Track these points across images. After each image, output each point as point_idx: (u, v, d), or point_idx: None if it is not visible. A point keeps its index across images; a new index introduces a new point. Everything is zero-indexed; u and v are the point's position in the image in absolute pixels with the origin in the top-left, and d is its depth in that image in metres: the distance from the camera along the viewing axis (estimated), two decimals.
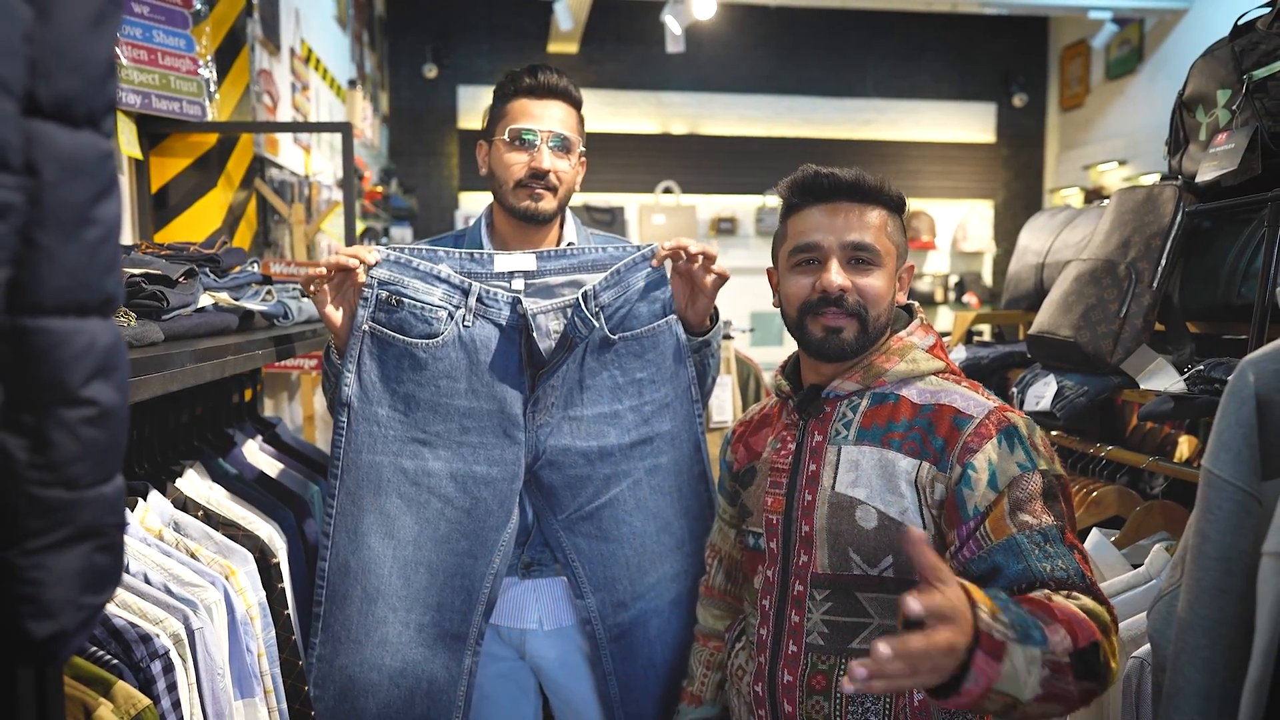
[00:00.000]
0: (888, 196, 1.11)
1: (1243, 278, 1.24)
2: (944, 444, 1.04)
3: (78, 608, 0.52)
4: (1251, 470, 0.74)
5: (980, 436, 1.02)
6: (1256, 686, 0.68)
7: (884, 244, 1.09)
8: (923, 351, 1.11)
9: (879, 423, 1.08)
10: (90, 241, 0.49)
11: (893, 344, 1.10)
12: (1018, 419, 1.04)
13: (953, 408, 1.05)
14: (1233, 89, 1.27)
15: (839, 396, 1.12)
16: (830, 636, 1.07)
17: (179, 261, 1.35)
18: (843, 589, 1.07)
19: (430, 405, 1.38)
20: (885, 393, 1.10)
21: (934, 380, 1.10)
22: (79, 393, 0.49)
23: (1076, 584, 0.94)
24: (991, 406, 1.04)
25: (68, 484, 0.50)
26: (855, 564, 1.06)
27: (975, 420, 1.03)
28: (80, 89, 0.46)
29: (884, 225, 1.10)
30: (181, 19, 1.85)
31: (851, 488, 1.07)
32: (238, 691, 1.17)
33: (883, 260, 1.08)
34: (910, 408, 1.07)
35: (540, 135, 1.45)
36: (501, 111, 1.50)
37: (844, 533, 1.07)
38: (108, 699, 0.85)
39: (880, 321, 1.10)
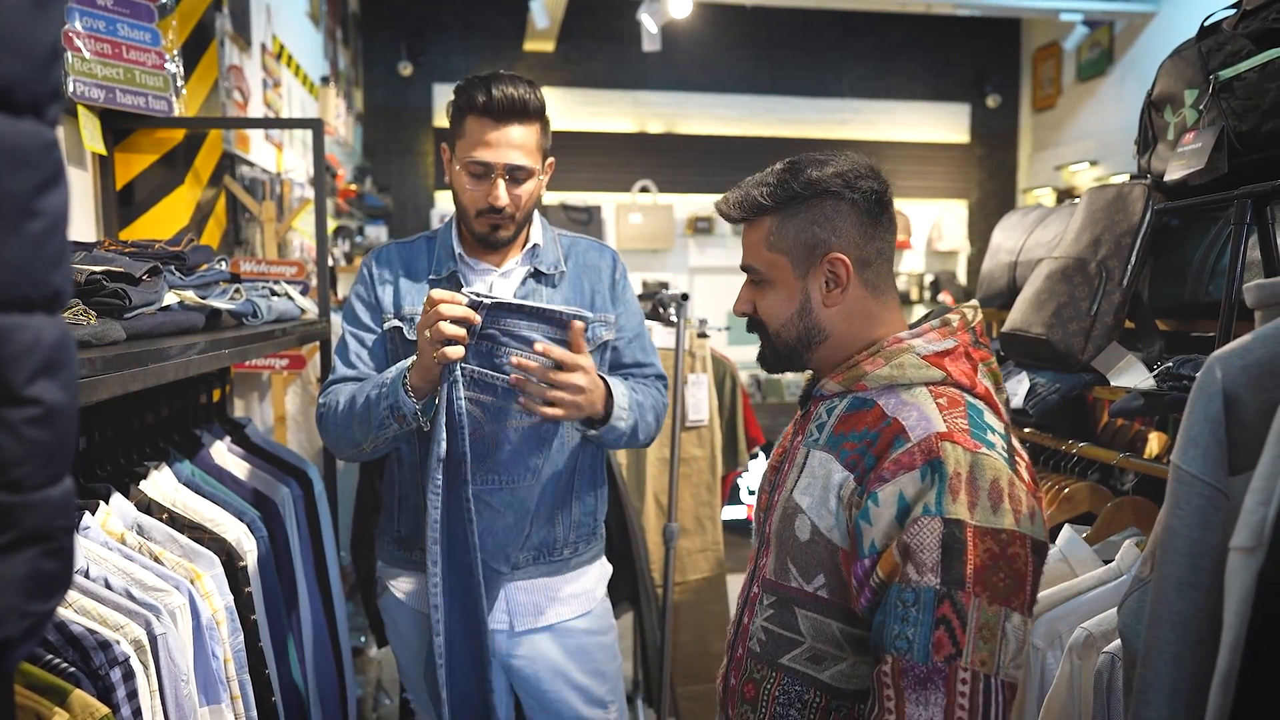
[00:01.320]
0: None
1: (1210, 275, 1.26)
2: (874, 464, 0.92)
3: (23, 615, 0.50)
4: (1219, 466, 0.75)
5: (899, 465, 0.88)
6: (1225, 680, 0.68)
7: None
8: (916, 357, 0.97)
9: (845, 430, 0.98)
10: (34, 234, 0.47)
11: (887, 345, 0.99)
12: (954, 455, 0.87)
13: (901, 425, 0.92)
14: (1200, 89, 1.28)
15: (822, 396, 1.05)
16: (766, 644, 1.01)
17: (143, 259, 1.32)
18: (783, 600, 1.00)
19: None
20: (865, 398, 0.99)
21: (920, 392, 0.95)
22: (22, 392, 0.47)
23: (909, 666, 0.83)
24: (935, 431, 0.89)
25: (12, 487, 0.48)
26: (793, 575, 0.98)
27: (909, 444, 0.89)
28: (21, 75, 0.44)
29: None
30: (147, 12, 1.81)
31: (800, 494, 0.99)
32: (203, 698, 1.14)
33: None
34: (876, 418, 0.96)
35: (496, 169, 1.41)
36: (460, 127, 1.44)
37: (785, 540, 1.00)
38: (64, 708, 0.83)
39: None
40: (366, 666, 2.77)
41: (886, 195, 1.01)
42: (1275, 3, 1.15)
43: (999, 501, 0.86)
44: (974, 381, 0.97)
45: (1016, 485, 0.88)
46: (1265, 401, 0.72)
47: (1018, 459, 0.92)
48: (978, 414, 0.93)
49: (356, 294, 1.57)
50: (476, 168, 1.41)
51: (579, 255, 1.57)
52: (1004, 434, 0.93)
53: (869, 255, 1.00)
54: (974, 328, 1.01)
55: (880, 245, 1.01)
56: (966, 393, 0.96)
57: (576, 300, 1.53)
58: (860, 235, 1.00)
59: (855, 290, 1.01)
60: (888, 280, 1.03)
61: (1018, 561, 0.85)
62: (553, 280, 1.53)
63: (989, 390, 0.98)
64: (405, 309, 1.50)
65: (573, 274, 1.55)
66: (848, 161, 1.01)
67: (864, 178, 1.00)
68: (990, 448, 0.89)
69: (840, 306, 1.01)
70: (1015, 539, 0.85)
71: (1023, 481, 0.89)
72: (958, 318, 1.01)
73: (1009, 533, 0.85)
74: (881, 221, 1.01)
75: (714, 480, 2.50)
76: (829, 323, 1.01)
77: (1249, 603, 0.67)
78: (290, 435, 2.51)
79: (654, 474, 2.44)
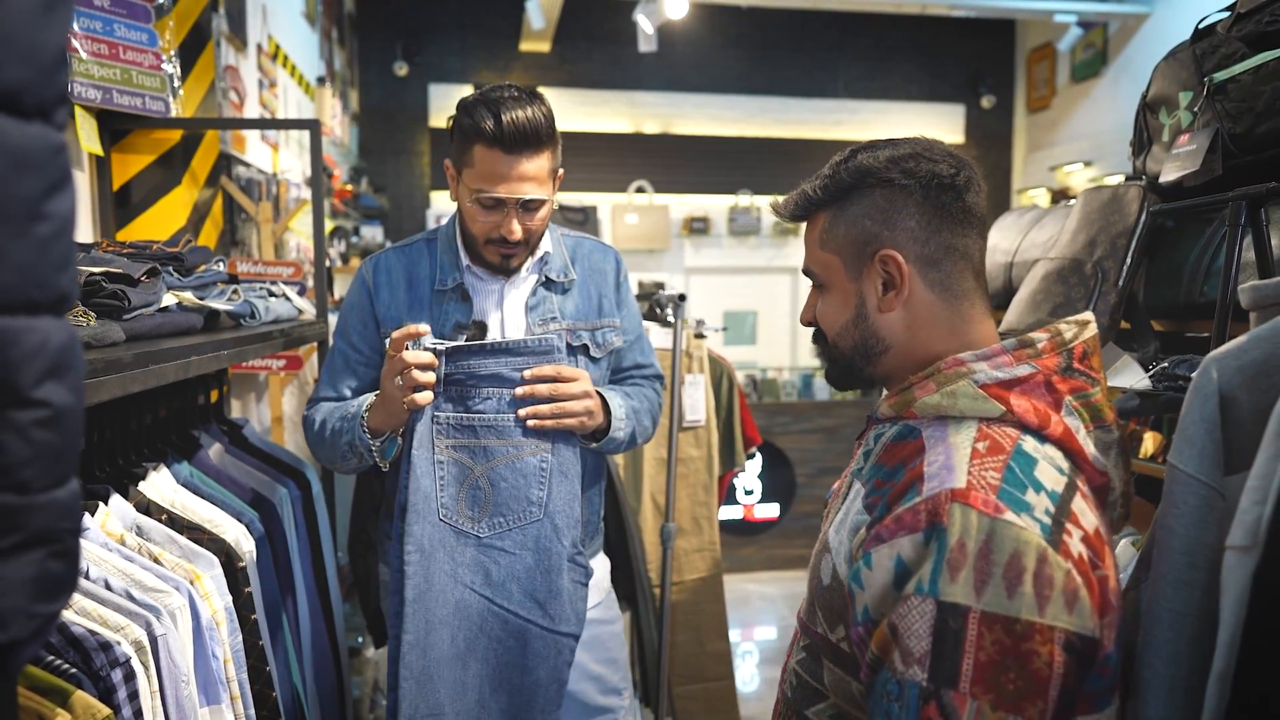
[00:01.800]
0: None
1: (1205, 276, 1.27)
2: (883, 514, 0.78)
3: (30, 616, 0.50)
4: (1215, 465, 0.75)
5: (900, 525, 0.74)
6: (1221, 678, 0.69)
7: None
8: (972, 386, 0.81)
9: (885, 462, 0.84)
10: (41, 237, 0.47)
11: (944, 366, 0.84)
12: (962, 521, 0.71)
13: (921, 472, 0.77)
14: (1194, 91, 1.29)
15: (876, 420, 0.92)
16: (796, 691, 0.89)
17: (141, 260, 1.32)
18: (812, 646, 0.87)
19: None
20: (913, 427, 0.84)
21: (966, 429, 0.79)
22: (30, 394, 0.47)
23: None
24: (949, 488, 0.73)
25: (19, 488, 0.48)
26: (819, 620, 0.85)
27: (916, 499, 0.74)
28: (29, 79, 0.45)
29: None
30: (144, 13, 1.81)
31: (834, 531, 0.86)
32: (203, 699, 1.14)
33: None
34: (913, 453, 0.81)
35: (509, 203, 1.35)
36: (468, 155, 1.36)
37: (814, 580, 0.88)
38: (65, 709, 0.83)
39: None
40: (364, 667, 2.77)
41: (958, 180, 0.85)
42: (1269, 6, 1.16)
43: (1017, 582, 0.68)
44: (1046, 420, 0.79)
45: (1050, 564, 0.69)
46: (1260, 402, 0.73)
47: (1070, 527, 0.72)
48: (1025, 465, 0.75)
49: (352, 305, 1.52)
50: (488, 200, 1.35)
51: (585, 258, 1.55)
52: (1057, 493, 0.74)
53: (934, 252, 0.85)
54: (1070, 349, 0.82)
55: (950, 240, 0.85)
56: (1031, 434, 0.78)
57: (585, 306, 1.51)
58: (922, 229, 0.85)
59: (920, 294, 0.86)
60: (966, 283, 0.86)
61: (1036, 660, 0.67)
62: (562, 287, 1.51)
63: (1070, 431, 0.79)
64: (405, 322, 1.45)
65: (581, 280, 1.53)
66: (909, 144, 0.87)
67: (927, 160, 0.85)
68: (1022, 511, 0.71)
69: (901, 312, 0.86)
70: (1036, 632, 0.67)
71: (1067, 558, 0.70)
72: (1046, 337, 0.83)
73: (1027, 624, 0.67)
74: (951, 213, 0.85)
75: (711, 480, 2.51)
76: (889, 331, 0.87)
77: (1244, 601, 0.67)
78: (287, 436, 2.51)
79: (651, 474, 2.44)
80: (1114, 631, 0.73)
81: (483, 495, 1.35)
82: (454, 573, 1.34)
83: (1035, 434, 0.79)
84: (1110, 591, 0.73)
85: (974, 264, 0.87)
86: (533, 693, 1.35)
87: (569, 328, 1.49)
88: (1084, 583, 0.70)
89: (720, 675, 2.53)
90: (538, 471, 1.37)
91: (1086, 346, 0.84)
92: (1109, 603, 0.72)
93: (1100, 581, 0.72)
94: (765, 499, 4.60)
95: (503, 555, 1.35)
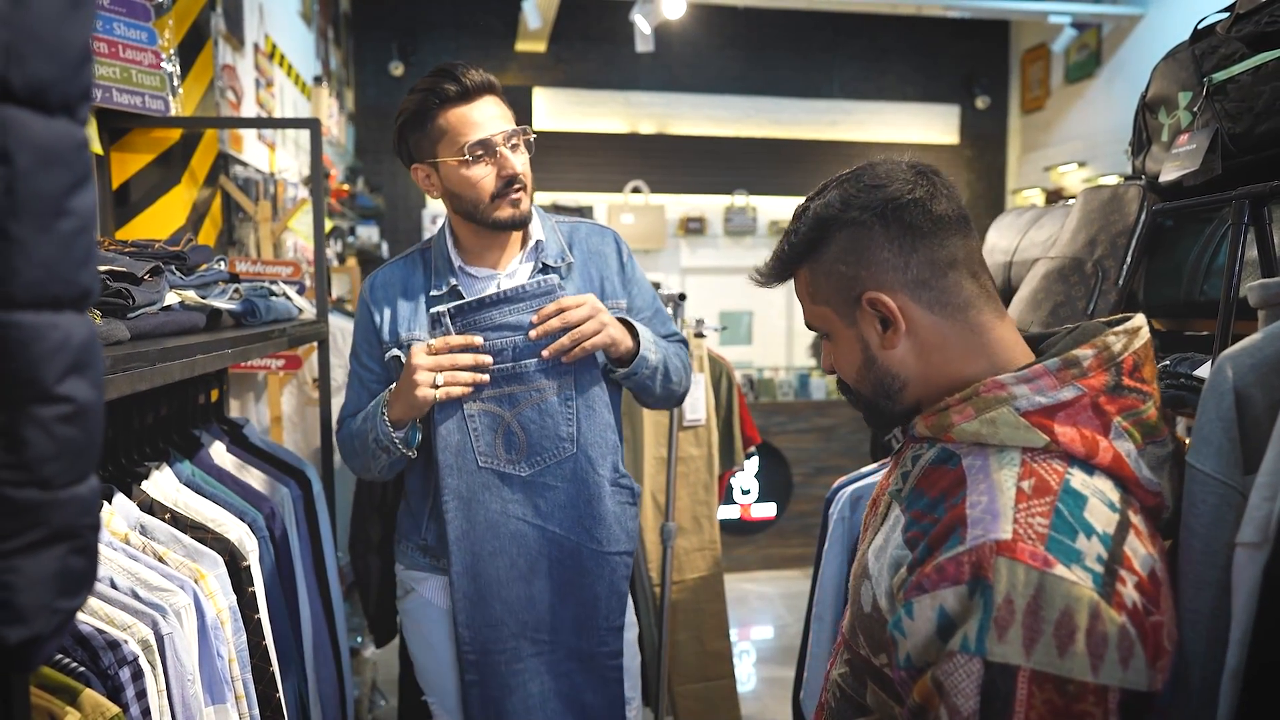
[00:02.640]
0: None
1: (1205, 275, 1.28)
2: (925, 557, 0.74)
3: (52, 612, 0.50)
4: (1233, 464, 0.74)
5: (943, 576, 0.71)
6: (1234, 675, 0.69)
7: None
8: (1014, 414, 0.76)
9: (924, 487, 0.81)
10: (65, 233, 0.47)
11: (983, 389, 0.79)
12: (1009, 577, 0.67)
13: (963, 515, 0.73)
14: (1193, 91, 1.30)
15: (914, 438, 0.87)
16: (840, 703, 0.88)
17: (144, 259, 1.32)
18: (855, 663, 0.86)
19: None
20: (951, 452, 0.80)
21: (1010, 462, 0.75)
22: (53, 389, 0.47)
23: None
24: (994, 539, 0.69)
25: (42, 484, 0.48)
26: (861, 642, 0.83)
27: (960, 548, 0.71)
28: (55, 75, 0.45)
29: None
30: (144, 12, 1.80)
31: (873, 556, 0.83)
32: (208, 698, 1.14)
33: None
34: (953, 485, 0.77)
35: (497, 139, 1.40)
36: (435, 128, 1.41)
37: (855, 602, 0.85)
38: (75, 707, 0.83)
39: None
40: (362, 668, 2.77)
41: (913, 194, 0.82)
42: (1267, 6, 1.17)
43: (1069, 641, 0.65)
44: (1094, 449, 0.74)
45: (1103, 619, 0.66)
46: (1276, 399, 0.73)
47: (1123, 574, 0.69)
48: (1074, 507, 0.71)
49: (358, 325, 1.57)
50: (477, 149, 1.39)
51: (582, 242, 1.55)
52: (1109, 534, 0.71)
53: (919, 274, 0.82)
54: (1120, 362, 0.77)
55: (930, 255, 0.82)
56: (1079, 465, 0.74)
57: (585, 290, 1.52)
58: (898, 256, 0.82)
59: (920, 319, 0.83)
60: (963, 291, 0.83)
61: (1058, 704, 0.65)
62: (560, 273, 1.51)
63: (1119, 457, 0.75)
64: (403, 335, 1.49)
65: (580, 264, 1.53)
66: (854, 177, 0.85)
67: (874, 189, 0.83)
68: (1072, 563, 0.68)
69: (908, 343, 0.83)
70: (1089, 692, 0.65)
71: (1120, 610, 0.67)
72: (1092, 354, 0.77)
73: (1080, 684, 0.65)
74: (920, 229, 0.82)
75: (711, 479, 2.52)
76: (900, 366, 0.85)
77: (1256, 598, 0.68)
78: (286, 436, 2.50)
79: (651, 473, 2.44)
80: (1166, 673, 0.70)
81: (517, 439, 1.44)
82: (504, 509, 1.46)
83: (1083, 465, 0.75)
84: (1166, 636, 0.71)
85: (967, 267, 0.83)
86: (594, 604, 1.49)
87: None
88: (1138, 635, 0.68)
89: (721, 674, 2.53)
90: (563, 409, 1.44)
91: (1138, 357, 0.79)
92: (1162, 648, 0.70)
93: (1154, 629, 0.69)
94: (762, 498, 4.60)
95: (547, 489, 1.46)
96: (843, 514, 1.67)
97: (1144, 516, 0.76)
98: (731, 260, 6.30)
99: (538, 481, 1.46)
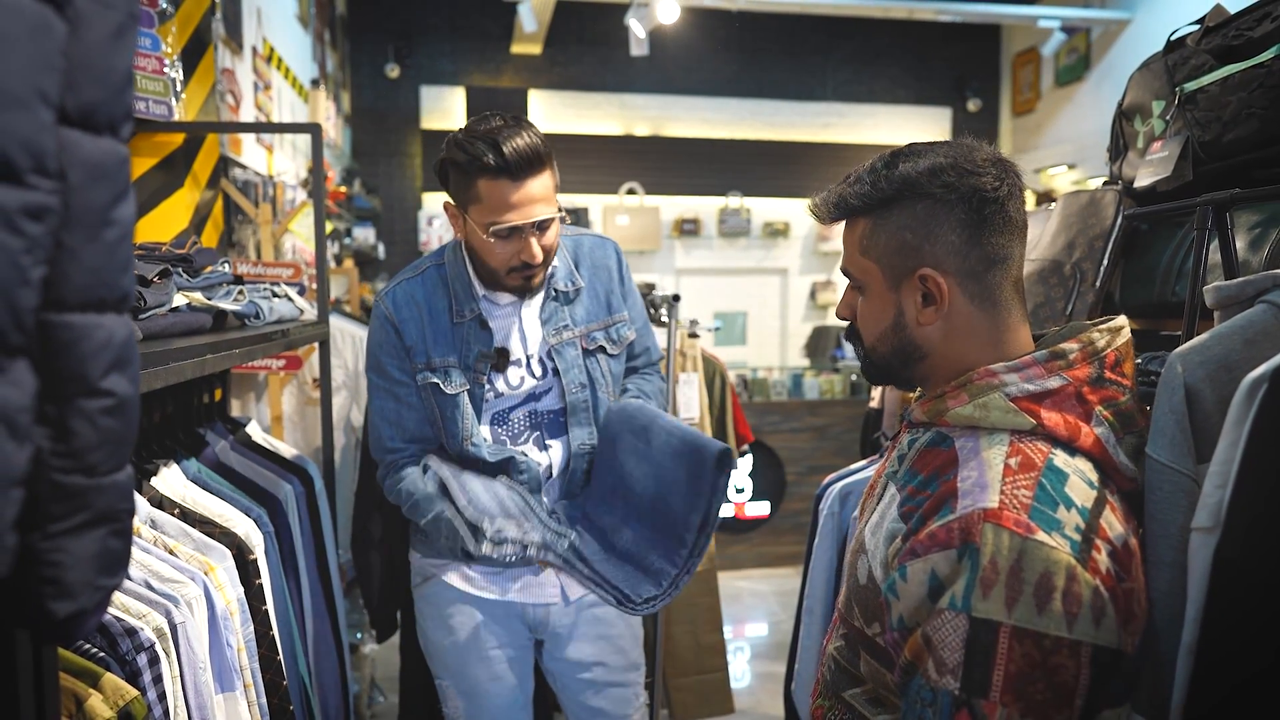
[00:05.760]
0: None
1: (1176, 277, 1.33)
2: (918, 527, 0.80)
3: (95, 589, 0.54)
4: (1185, 453, 0.79)
5: (934, 541, 0.77)
6: (1189, 650, 0.74)
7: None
8: (1004, 399, 0.82)
9: (919, 468, 0.86)
10: (109, 241, 0.51)
11: (976, 377, 0.85)
12: (994, 541, 0.74)
13: (955, 488, 0.80)
14: (1166, 100, 1.35)
15: (910, 424, 0.93)
16: (834, 674, 0.94)
17: (152, 261, 1.36)
18: (850, 635, 0.91)
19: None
20: (945, 435, 0.86)
21: (999, 442, 0.81)
22: (98, 384, 0.52)
23: None
24: (981, 508, 0.76)
25: (87, 471, 0.53)
26: (855, 614, 0.89)
27: (950, 516, 0.77)
28: (103, 98, 0.49)
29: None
30: (147, 18, 1.84)
31: (869, 532, 0.89)
32: (218, 686, 1.18)
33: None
34: (946, 464, 0.83)
35: (525, 229, 1.36)
36: (471, 189, 1.36)
37: (851, 577, 0.91)
38: (97, 690, 0.87)
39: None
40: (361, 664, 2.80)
41: (998, 191, 0.84)
42: (1234, 21, 1.22)
43: (1048, 600, 0.72)
44: (1076, 432, 0.81)
45: (1079, 581, 0.73)
46: (1223, 394, 0.78)
47: (1099, 542, 0.76)
48: (1056, 482, 0.78)
49: (380, 344, 1.52)
50: (504, 231, 1.36)
51: (587, 257, 1.58)
52: (1087, 508, 0.77)
53: (975, 265, 0.85)
54: (1103, 357, 0.84)
55: (990, 251, 0.85)
56: (1062, 447, 0.81)
57: (595, 308, 1.55)
58: (964, 242, 0.84)
59: (960, 306, 0.86)
60: (1005, 291, 0.87)
61: (1063, 673, 0.71)
62: (568, 296, 1.54)
63: (1100, 442, 0.81)
64: (436, 360, 1.48)
65: (588, 282, 1.56)
66: (951, 153, 0.85)
67: (968, 174, 0.84)
68: (1052, 530, 0.74)
69: (940, 324, 0.87)
70: (1064, 646, 0.72)
71: (1095, 574, 0.74)
72: (1078, 348, 0.84)
73: (1055, 639, 0.71)
74: (992, 223, 0.84)
75: None
76: (926, 341, 0.88)
77: (1208, 578, 0.73)
78: (287, 435, 2.54)
79: None
80: (1138, 636, 0.77)
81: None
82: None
83: (1066, 447, 0.81)
84: (1136, 602, 0.77)
85: (1013, 272, 0.87)
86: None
87: (583, 334, 1.54)
88: (1110, 598, 0.74)
89: (715, 667, 2.58)
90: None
91: (1119, 353, 0.85)
92: (1133, 613, 0.76)
93: (1126, 594, 0.76)
94: (756, 497, 4.65)
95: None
96: (832, 510, 1.72)
97: (1120, 498, 0.83)
98: (726, 261, 6.35)
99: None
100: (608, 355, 1.56)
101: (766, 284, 6.49)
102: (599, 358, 1.55)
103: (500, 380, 1.51)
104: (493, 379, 1.50)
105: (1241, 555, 0.71)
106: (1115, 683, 0.75)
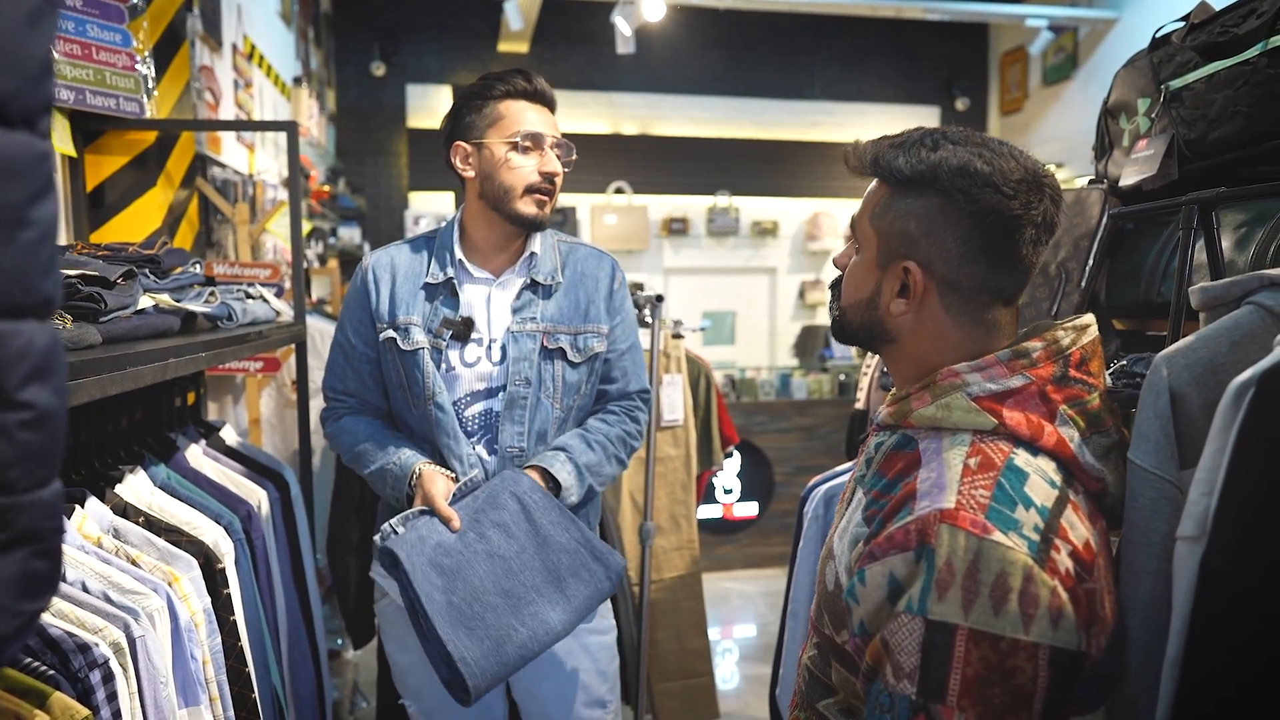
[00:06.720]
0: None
1: (1162, 277, 1.31)
2: (879, 527, 0.79)
3: (14, 614, 0.51)
4: (1169, 459, 0.77)
5: (892, 543, 0.75)
6: (1174, 663, 0.71)
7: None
8: (966, 399, 0.81)
9: (885, 470, 0.85)
10: (26, 243, 0.48)
11: (940, 378, 0.84)
12: (950, 542, 0.72)
13: (914, 489, 0.78)
14: (1151, 98, 1.33)
15: (879, 426, 0.92)
16: (809, 684, 0.92)
17: (117, 262, 1.32)
18: (821, 644, 0.90)
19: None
20: (910, 437, 0.85)
21: (960, 442, 0.79)
22: (15, 396, 0.49)
23: None
24: (938, 508, 0.74)
25: (4, 488, 0.49)
26: (826, 621, 0.87)
27: (908, 518, 0.76)
28: (14, 89, 0.46)
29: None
30: (118, 13, 1.80)
31: (838, 537, 0.87)
32: (182, 700, 1.15)
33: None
34: (909, 466, 0.82)
35: (547, 139, 1.47)
36: (493, 113, 1.47)
37: (821, 585, 0.89)
38: (44, 710, 0.83)
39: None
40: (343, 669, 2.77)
41: (1017, 220, 0.79)
42: (1219, 18, 1.20)
43: (1003, 601, 0.70)
44: (1039, 432, 0.79)
45: (1036, 582, 0.71)
46: (1209, 398, 0.76)
47: (1058, 543, 0.74)
48: (1015, 481, 0.76)
49: (351, 298, 1.56)
50: (528, 140, 1.45)
51: (577, 264, 1.56)
52: (1047, 508, 0.75)
53: (962, 281, 0.82)
54: (1068, 355, 0.82)
55: (984, 277, 0.82)
56: (1024, 447, 0.79)
57: (569, 310, 1.52)
58: (958, 255, 0.81)
59: (933, 310, 0.84)
60: (988, 314, 0.84)
61: (1021, 676, 0.70)
62: (549, 291, 1.52)
63: (1063, 441, 0.79)
64: (400, 317, 1.49)
65: (569, 283, 1.54)
66: (991, 159, 0.80)
67: (993, 189, 0.79)
68: (1010, 530, 0.72)
69: (911, 318, 0.85)
70: (1021, 649, 0.70)
71: (1054, 575, 0.72)
72: (1041, 346, 0.82)
73: (1012, 641, 0.70)
74: (995, 254, 0.81)
75: (689, 479, 2.54)
76: (895, 329, 0.87)
77: (1194, 588, 0.70)
78: (265, 438, 2.50)
79: (630, 473, 2.46)
80: (1104, 639, 0.75)
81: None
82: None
83: (1028, 446, 0.79)
84: (1099, 603, 0.75)
85: (1006, 302, 0.84)
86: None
87: (546, 330, 1.50)
88: (1070, 598, 0.72)
89: (700, 672, 2.55)
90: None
91: (1085, 352, 0.83)
92: (1096, 614, 0.74)
93: (1087, 595, 0.74)
94: (744, 498, 4.63)
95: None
96: (816, 512, 1.69)
97: (1085, 498, 0.81)
98: (714, 260, 6.33)
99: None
100: (566, 362, 1.51)
101: (755, 283, 6.47)
102: (556, 361, 1.50)
103: (457, 353, 1.49)
104: (450, 348, 1.48)
105: (1229, 566, 0.68)
106: (1080, 686, 0.73)
